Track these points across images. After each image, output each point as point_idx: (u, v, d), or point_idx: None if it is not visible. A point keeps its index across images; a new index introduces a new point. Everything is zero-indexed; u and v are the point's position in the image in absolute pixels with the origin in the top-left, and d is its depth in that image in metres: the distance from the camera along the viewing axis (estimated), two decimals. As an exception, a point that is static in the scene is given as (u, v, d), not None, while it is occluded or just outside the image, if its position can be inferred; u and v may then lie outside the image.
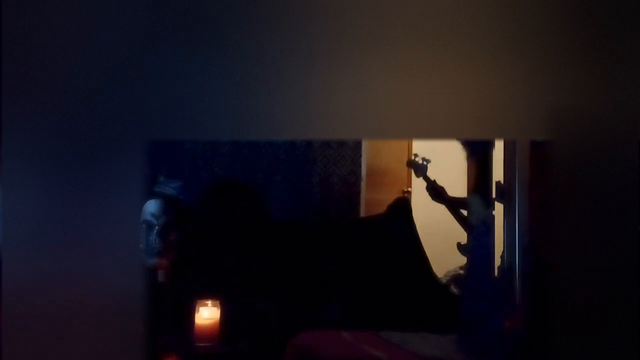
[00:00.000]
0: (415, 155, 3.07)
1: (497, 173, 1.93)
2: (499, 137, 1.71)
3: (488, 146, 2.05)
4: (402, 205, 3.11)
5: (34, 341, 0.75)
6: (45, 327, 0.76)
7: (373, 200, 3.54)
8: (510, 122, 0.79)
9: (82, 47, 0.76)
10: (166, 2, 0.77)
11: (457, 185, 2.77)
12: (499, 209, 1.90)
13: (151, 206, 2.78)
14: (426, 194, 2.96)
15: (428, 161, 2.99)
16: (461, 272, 2.73)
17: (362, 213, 3.58)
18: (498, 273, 1.92)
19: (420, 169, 3.01)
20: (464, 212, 2.66)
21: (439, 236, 2.87)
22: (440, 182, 2.92)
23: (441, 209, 2.90)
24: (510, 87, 0.77)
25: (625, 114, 0.77)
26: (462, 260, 2.66)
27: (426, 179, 2.95)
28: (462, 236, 2.77)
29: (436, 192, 2.86)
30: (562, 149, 0.77)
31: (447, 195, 2.85)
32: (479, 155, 2.28)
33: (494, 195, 1.92)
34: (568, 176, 0.77)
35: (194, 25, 0.76)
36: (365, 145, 3.60)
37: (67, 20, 0.76)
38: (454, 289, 2.86)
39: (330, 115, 0.77)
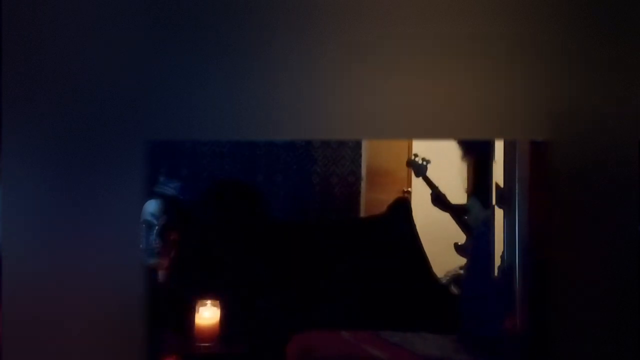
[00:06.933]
0: (415, 155, 3.09)
1: (497, 174, 1.92)
2: (499, 137, 1.70)
3: (484, 146, 2.04)
4: (402, 205, 3.11)
5: (34, 341, 0.75)
6: (45, 327, 0.75)
7: (373, 200, 3.54)
8: (510, 122, 0.79)
9: (82, 47, 0.76)
10: (166, 2, 0.77)
11: (456, 185, 2.77)
12: (498, 210, 1.90)
13: (151, 206, 2.78)
14: (426, 194, 2.96)
15: (428, 161, 3.00)
16: (461, 272, 2.73)
17: (362, 213, 3.58)
18: (498, 273, 1.92)
19: (420, 170, 3.03)
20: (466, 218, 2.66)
21: (439, 236, 2.87)
22: (439, 183, 2.93)
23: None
24: (510, 87, 0.77)
25: (625, 114, 0.77)
26: (462, 260, 2.66)
27: (426, 179, 2.96)
28: (462, 236, 2.77)
29: (438, 199, 2.87)
30: (562, 149, 0.77)
31: (449, 202, 2.86)
32: (475, 156, 2.28)
33: (494, 202, 1.92)
34: (568, 176, 0.77)
35: (194, 25, 0.76)
36: (365, 145, 3.60)
37: (67, 20, 0.76)
38: (454, 289, 2.87)
39: (330, 115, 0.77)
